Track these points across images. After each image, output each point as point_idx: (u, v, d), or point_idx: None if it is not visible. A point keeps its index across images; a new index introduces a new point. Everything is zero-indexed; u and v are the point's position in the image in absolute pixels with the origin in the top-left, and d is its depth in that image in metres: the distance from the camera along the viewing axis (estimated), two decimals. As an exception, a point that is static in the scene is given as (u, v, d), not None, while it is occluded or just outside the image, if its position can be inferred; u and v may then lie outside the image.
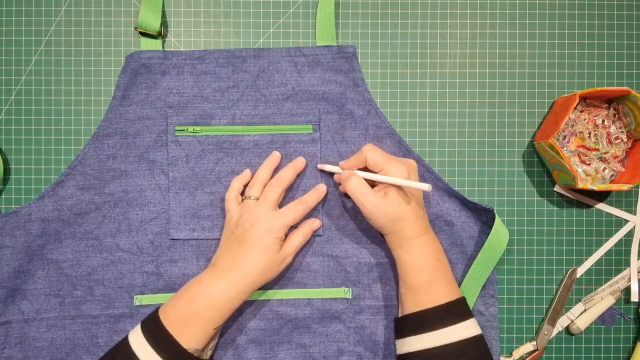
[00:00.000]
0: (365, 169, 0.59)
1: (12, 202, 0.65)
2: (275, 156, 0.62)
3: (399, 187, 0.56)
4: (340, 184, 0.62)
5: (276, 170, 0.62)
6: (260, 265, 0.56)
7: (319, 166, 0.62)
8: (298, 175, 0.62)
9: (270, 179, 0.61)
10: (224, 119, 0.63)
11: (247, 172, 0.62)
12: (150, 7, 0.62)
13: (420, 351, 0.55)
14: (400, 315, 0.60)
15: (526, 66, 0.66)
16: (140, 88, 0.62)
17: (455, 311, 0.56)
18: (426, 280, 0.56)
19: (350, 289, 0.63)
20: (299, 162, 0.62)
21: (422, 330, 0.55)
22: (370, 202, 0.56)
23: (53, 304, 0.62)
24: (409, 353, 0.56)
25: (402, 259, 0.57)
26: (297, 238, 0.59)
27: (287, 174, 0.60)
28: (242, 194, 0.61)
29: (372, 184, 0.58)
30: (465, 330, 0.55)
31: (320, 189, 0.62)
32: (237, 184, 0.61)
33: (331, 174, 0.63)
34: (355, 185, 0.56)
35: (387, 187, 0.57)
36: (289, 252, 0.58)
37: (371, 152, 0.57)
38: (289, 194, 0.63)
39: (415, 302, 0.56)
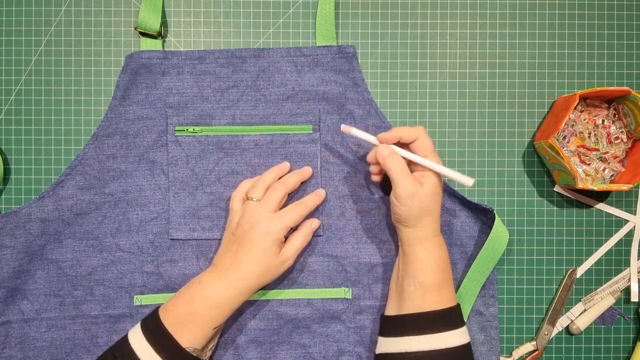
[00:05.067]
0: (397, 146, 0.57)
1: (12, 202, 0.65)
2: (285, 165, 0.62)
3: (435, 182, 0.55)
4: (369, 164, 0.60)
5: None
6: (258, 268, 0.56)
7: (343, 127, 0.58)
8: (303, 184, 0.62)
9: None
10: (224, 119, 0.63)
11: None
12: (150, 7, 0.62)
13: (416, 352, 0.54)
14: (392, 313, 0.58)
15: (526, 66, 0.66)
16: (140, 88, 0.62)
17: (459, 316, 0.56)
18: (440, 280, 0.56)
19: (350, 289, 0.63)
20: (306, 171, 0.62)
21: (425, 330, 0.54)
22: (408, 188, 0.53)
23: (53, 304, 0.62)
24: (402, 353, 0.55)
25: (419, 255, 0.56)
26: (297, 240, 0.59)
27: (292, 179, 0.60)
28: None
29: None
30: (461, 337, 0.55)
31: (320, 193, 0.62)
32: (246, 185, 0.61)
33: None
34: (398, 164, 0.54)
35: (423, 177, 0.55)
36: (288, 254, 0.58)
37: (425, 136, 0.56)
38: (288, 196, 0.63)
39: (425, 301, 0.55)
